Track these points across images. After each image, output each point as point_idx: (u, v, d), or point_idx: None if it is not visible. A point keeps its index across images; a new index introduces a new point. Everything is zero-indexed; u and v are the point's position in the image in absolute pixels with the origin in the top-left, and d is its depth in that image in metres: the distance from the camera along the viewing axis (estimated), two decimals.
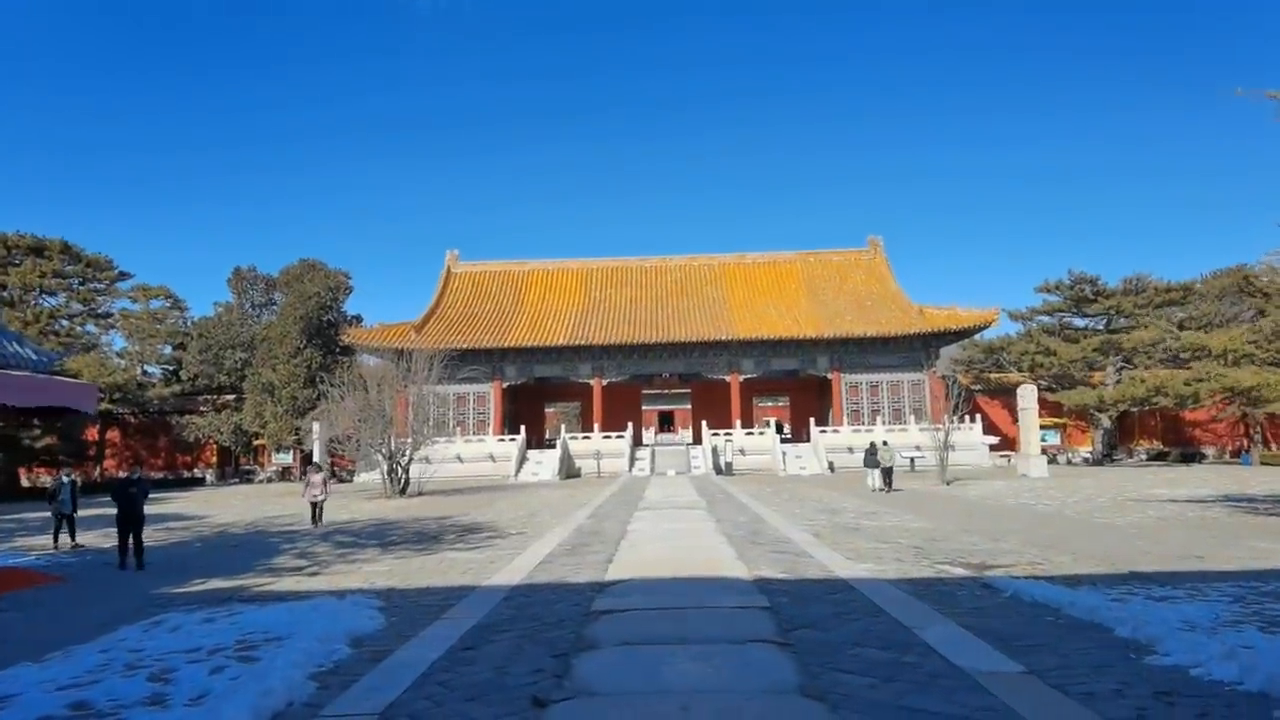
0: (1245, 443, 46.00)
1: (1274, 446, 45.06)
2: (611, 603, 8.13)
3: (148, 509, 13.60)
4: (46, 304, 53.00)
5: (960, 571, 9.88)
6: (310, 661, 6.37)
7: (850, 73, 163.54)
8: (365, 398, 29.74)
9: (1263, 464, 38.59)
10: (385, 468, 29.73)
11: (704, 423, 44.32)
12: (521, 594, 9.05)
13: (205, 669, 6.32)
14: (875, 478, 25.87)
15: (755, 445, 42.71)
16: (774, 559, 10.91)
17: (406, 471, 29.82)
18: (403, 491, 29.31)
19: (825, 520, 16.46)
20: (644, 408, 58.01)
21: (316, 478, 18.44)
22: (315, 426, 34.59)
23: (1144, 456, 47.22)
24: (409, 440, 30.13)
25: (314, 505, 18.02)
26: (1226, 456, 46.29)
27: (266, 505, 27.64)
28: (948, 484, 28.20)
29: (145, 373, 59.47)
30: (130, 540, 12.29)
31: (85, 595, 10.41)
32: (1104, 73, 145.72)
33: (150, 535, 18.00)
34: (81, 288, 55.23)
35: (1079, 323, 48.70)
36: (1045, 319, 46.82)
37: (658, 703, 5.05)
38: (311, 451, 36.53)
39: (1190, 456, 44.04)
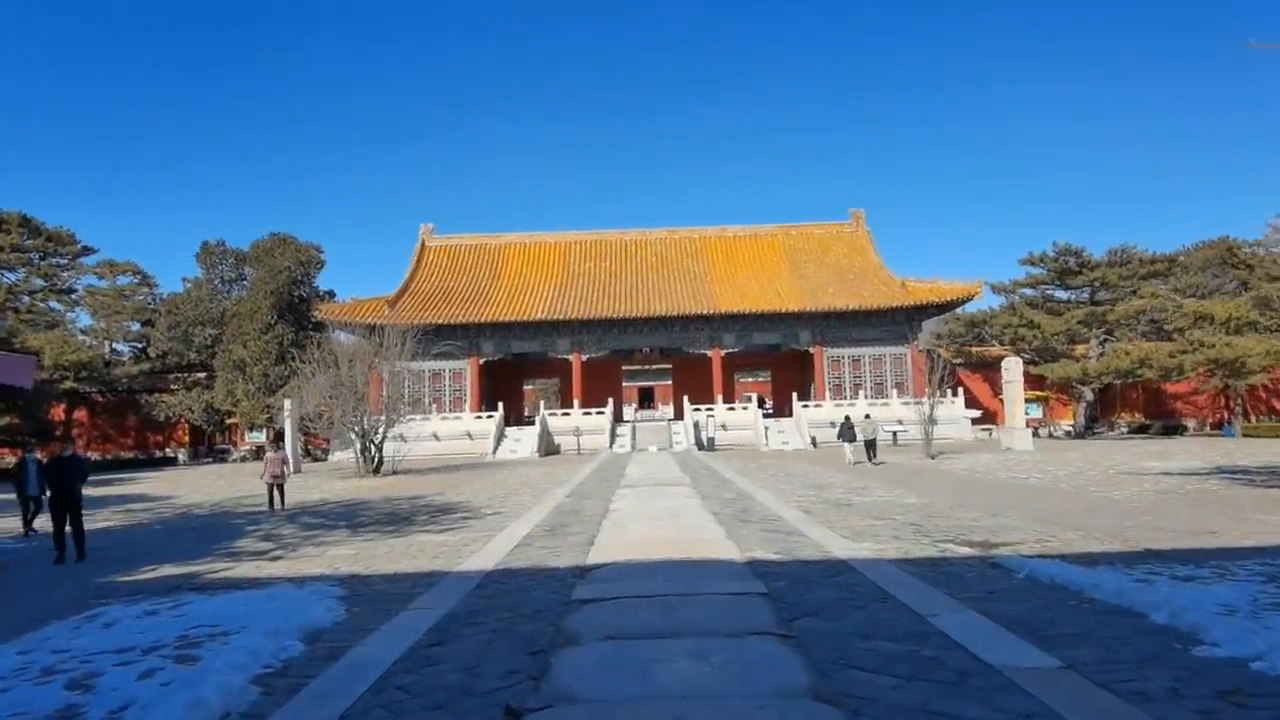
0: (1226, 415, 46.19)
1: (1253, 418, 45.27)
2: (594, 590, 7.44)
3: (110, 491, 12.82)
4: (6, 279, 51.23)
5: (965, 550, 9.29)
6: (256, 662, 5.63)
7: (830, 46, 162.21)
8: (336, 374, 28.77)
9: (1245, 435, 38.66)
10: (359, 446, 28.84)
11: (685, 398, 43.72)
12: (496, 580, 8.34)
13: (135, 672, 5.56)
14: (850, 451, 26.11)
15: (737, 420, 42.22)
16: (766, 539, 10.28)
17: (380, 450, 28.95)
18: (376, 470, 28.47)
19: (814, 496, 15.89)
20: (624, 384, 57.28)
21: (274, 456, 17.23)
22: (286, 404, 33.52)
23: (1125, 429, 47.29)
24: (382, 418, 29.23)
25: (272, 487, 16.71)
26: (1207, 429, 46.46)
27: (237, 485, 26.72)
28: (932, 458, 27.81)
29: (114, 351, 57.91)
30: (68, 526, 11.29)
31: (20, 586, 9.58)
32: (1085, 45, 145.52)
33: (109, 517, 17.16)
34: (42, 263, 53.46)
35: (1061, 296, 48.55)
36: (1028, 291, 46.55)
37: (649, 712, 4.37)
38: (282, 429, 35.48)
39: (1172, 429, 44.12)
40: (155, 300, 55.76)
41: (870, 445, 27.18)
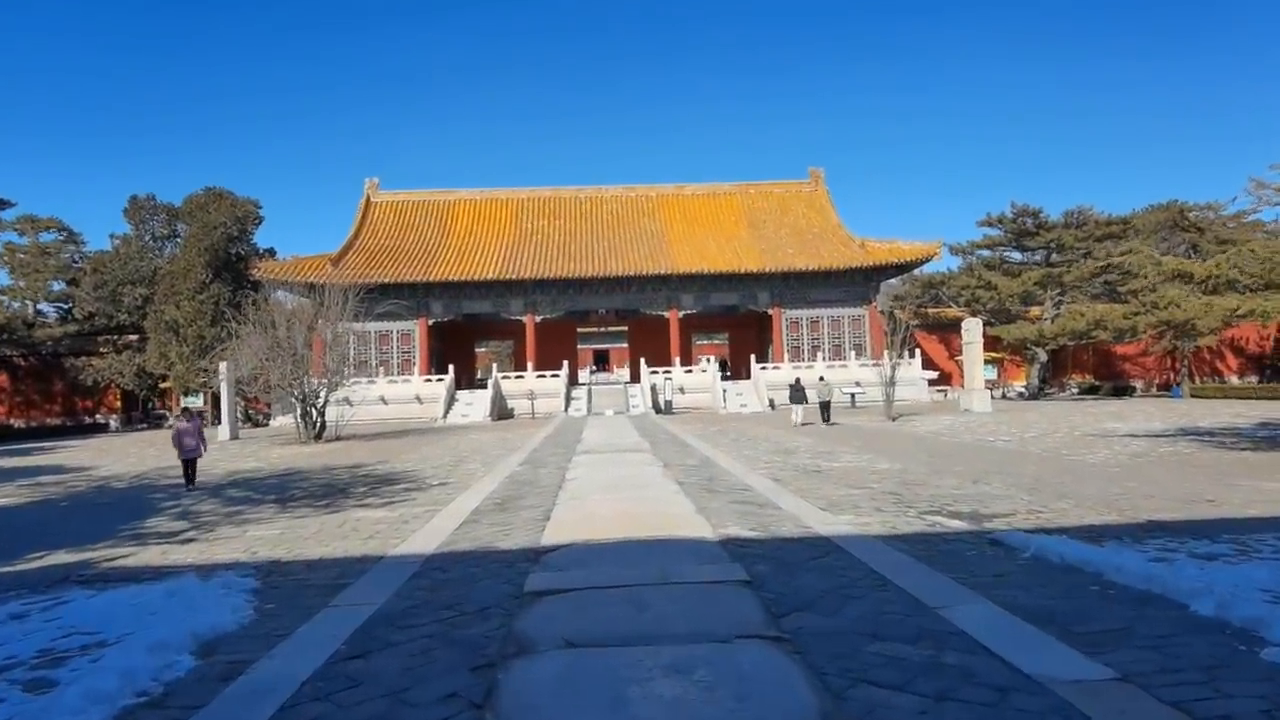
0: (1172, 376, 46.97)
1: (1198, 379, 46.08)
2: (550, 579, 6.44)
3: (25, 461, 11.44)
4: None
5: (956, 524, 8.52)
6: (128, 688, 4.51)
7: (788, 7, 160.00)
8: (274, 335, 27.06)
9: (1192, 396, 39.27)
10: (298, 411, 27.31)
11: (642, 361, 42.79)
12: (437, 567, 7.29)
13: None
14: (798, 413, 25.93)
15: (695, 383, 41.47)
16: (738, 512, 9.39)
17: (322, 415, 27.46)
18: (318, 436, 27.02)
19: (781, 462, 15.11)
20: (579, 346, 56.21)
21: (187, 425, 14.72)
22: (222, 367, 31.64)
23: (1075, 390, 47.85)
24: (324, 381, 27.69)
25: (187, 463, 14.40)
26: (1154, 390, 47.25)
27: (167, 454, 24.93)
28: (894, 420, 27.42)
29: (37, 312, 54.63)
30: None
31: None
32: (1042, 17, 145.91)
33: (12, 493, 15.60)
34: None
35: (1016, 257, 48.55)
36: (985, 253, 46.41)
37: None
38: (219, 393, 33.60)
39: (1121, 390, 44.69)
40: (82, 259, 52.53)
41: (825, 407, 27.22)
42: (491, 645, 4.94)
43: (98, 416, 48.24)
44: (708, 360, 45.30)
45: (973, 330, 32.34)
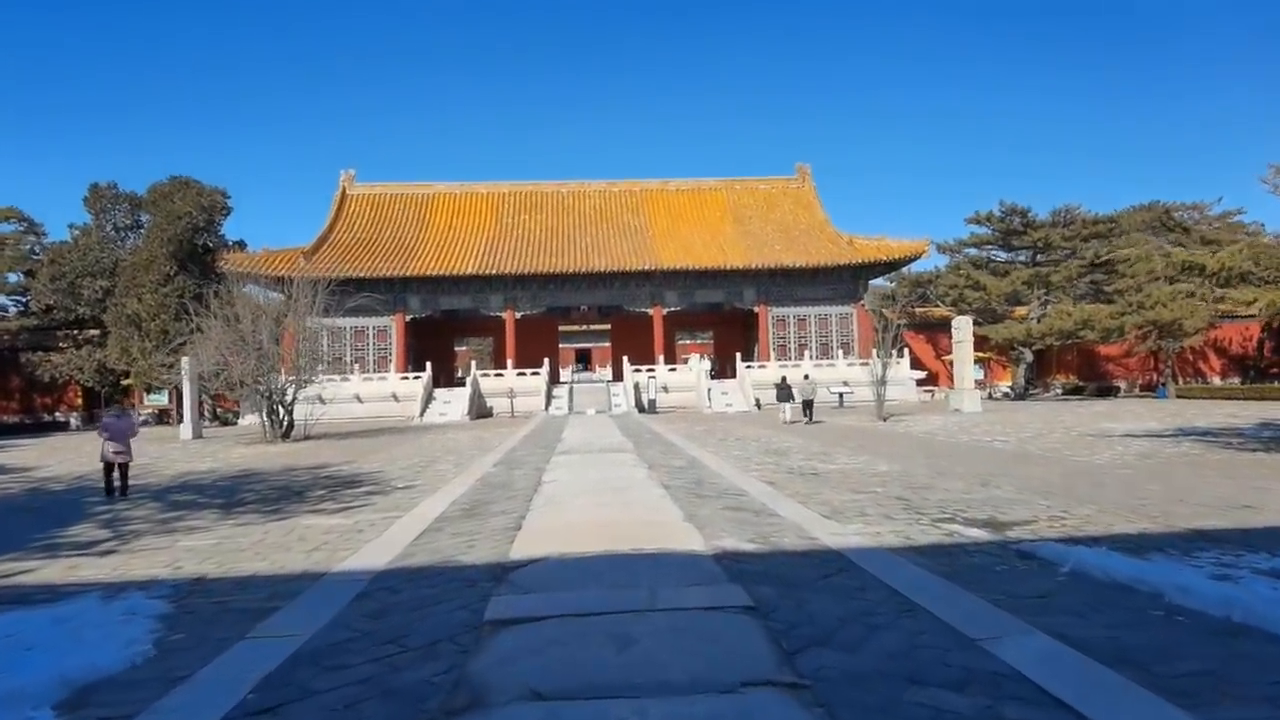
0: (1156, 377, 46.69)
1: (1180, 380, 45.80)
2: (516, 605, 5.43)
3: None
4: None
5: (976, 533, 7.61)
6: None
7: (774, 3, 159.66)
8: (238, 329, 25.79)
9: (1178, 397, 38.87)
10: (264, 409, 26.07)
11: (625, 359, 41.77)
12: (386, 586, 6.26)
13: None
14: (787, 411, 26.16)
15: (679, 382, 40.53)
16: (733, 520, 8.43)
17: (290, 413, 26.23)
18: (285, 436, 25.80)
19: (774, 464, 14.18)
20: (561, 345, 55.07)
21: (114, 423, 12.65)
22: (184, 362, 30.24)
23: (1060, 391, 47.44)
24: (291, 378, 26.47)
25: (111, 468, 12.38)
26: (1138, 391, 46.93)
27: None
28: (884, 420, 26.64)
29: None
30: None
31: None
32: (1029, 27, 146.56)
33: None
34: None
35: (1001, 256, 48.08)
36: (973, 251, 45.90)
37: None
38: (181, 389, 32.19)
39: (1106, 390, 44.30)
40: (42, 250, 50.65)
41: (808, 405, 26.83)
42: (437, 696, 3.93)
43: (57, 414, 46.48)
44: (699, 358, 44.34)
45: (963, 329, 31.65)
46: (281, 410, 26.06)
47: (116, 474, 12.44)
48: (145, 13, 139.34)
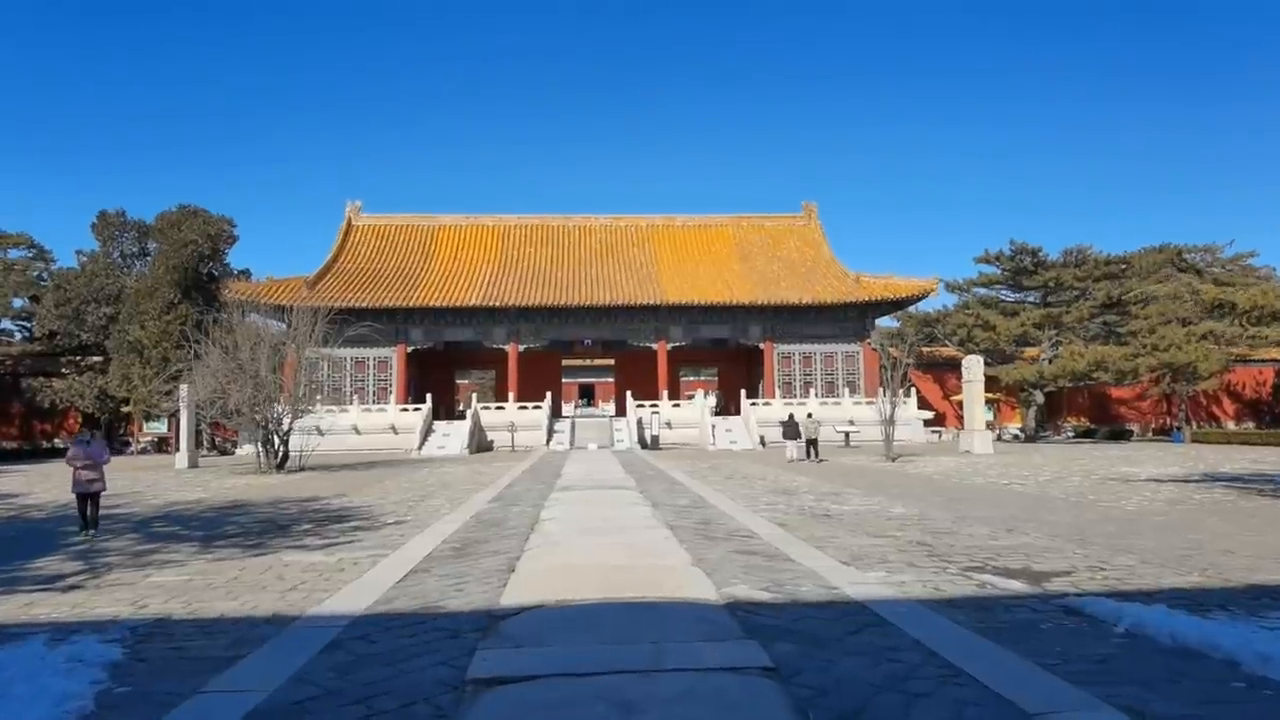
0: (1169, 420, 45.91)
1: (1194, 424, 45.01)
2: (505, 660, 4.81)
3: None
4: None
5: (1012, 585, 6.97)
6: None
7: (786, 38, 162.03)
8: (236, 357, 25.32)
9: (1194, 441, 38.07)
10: (260, 438, 25.49)
11: (629, 394, 41.19)
12: (362, 634, 5.64)
13: None
14: (792, 449, 26.12)
15: (682, 418, 39.88)
16: (744, 565, 7.79)
17: (285, 443, 25.65)
18: (280, 466, 25.18)
19: (784, 504, 13.52)
20: (564, 380, 54.55)
21: (81, 452, 11.47)
22: (183, 390, 29.75)
23: (1071, 433, 46.63)
24: (287, 407, 25.93)
25: (84, 498, 11.21)
26: (1150, 434, 46.11)
27: (116, 480, 22.75)
28: (893, 460, 25.92)
29: (3, 330, 52.53)
30: None
31: None
32: (1046, 55, 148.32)
33: None
34: None
35: (1011, 296, 47.62)
36: (982, 291, 45.45)
37: None
38: (178, 418, 31.68)
39: (1118, 434, 43.48)
40: (49, 276, 50.58)
41: (812, 444, 26.56)
42: None
43: (56, 440, 45.84)
44: (704, 394, 43.73)
45: (974, 368, 31.05)
46: (276, 440, 25.48)
47: (90, 504, 11.46)
48: (157, 49, 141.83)
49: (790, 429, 26.90)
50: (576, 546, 8.75)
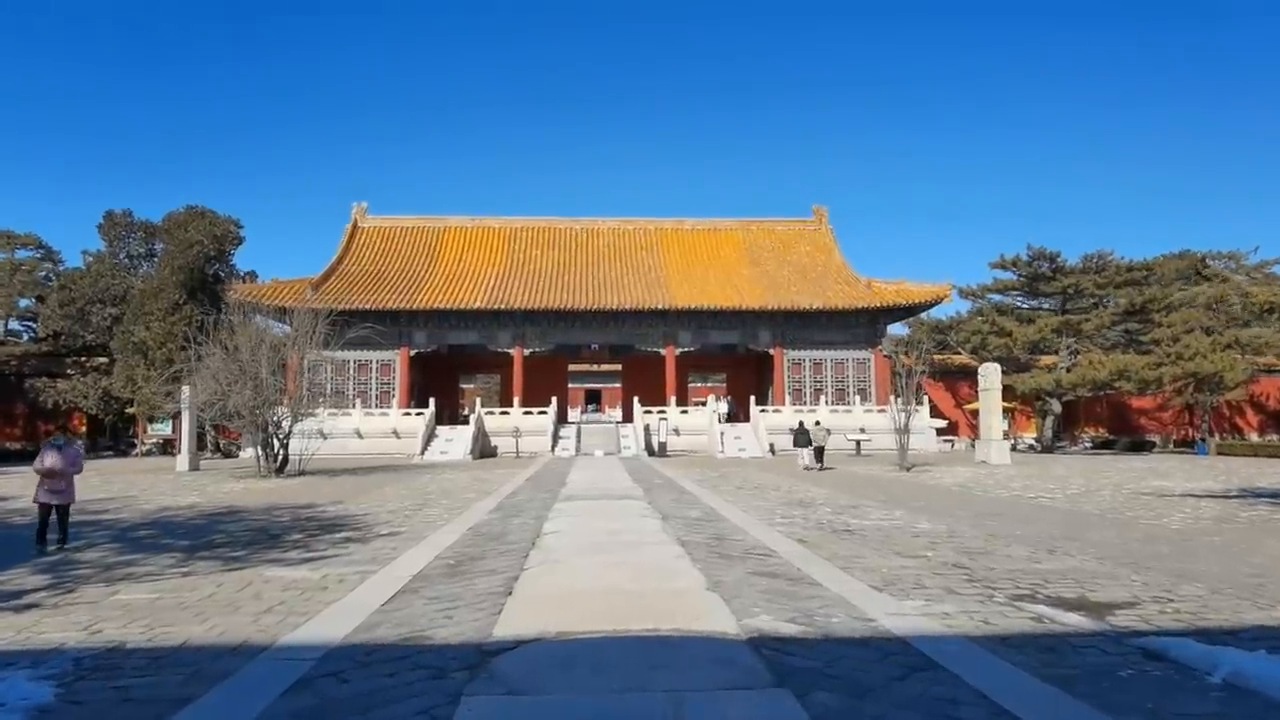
0: (1191, 431, 44.87)
1: (1217, 436, 43.95)
2: (493, 712, 4.08)
3: None
4: None
5: (1072, 619, 6.19)
6: None
7: (797, 42, 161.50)
8: (236, 358, 24.71)
9: (1219, 453, 37.03)
10: (259, 442, 24.86)
11: (636, 399, 40.44)
12: (334, 671, 4.91)
13: None
14: (805, 456, 25.88)
15: (691, 425, 39.11)
16: (765, 589, 7.04)
17: (285, 447, 25.02)
18: (280, 470, 24.54)
19: (801, 517, 12.76)
20: (570, 385, 53.82)
21: (52, 461, 10.35)
22: (184, 391, 29.16)
23: (1089, 444, 45.60)
24: (287, 410, 25.30)
25: (48, 510, 10.22)
26: (1171, 445, 45.04)
27: (112, 483, 22.69)
28: (908, 469, 25.12)
29: (7, 330, 52.27)
30: None
31: None
32: (1060, 56, 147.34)
33: None
34: None
35: (1025, 303, 46.71)
36: (997, 297, 44.54)
37: None
38: (180, 419, 31.10)
39: (1139, 445, 42.41)
40: (56, 276, 50.30)
41: (819, 452, 26.28)
42: None
43: None
44: (716, 399, 42.91)
45: (991, 376, 30.19)
46: (276, 444, 24.86)
47: (57, 517, 10.48)
48: (164, 51, 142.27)
49: (801, 436, 26.64)
50: (580, 566, 8.01)
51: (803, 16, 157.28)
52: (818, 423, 28.63)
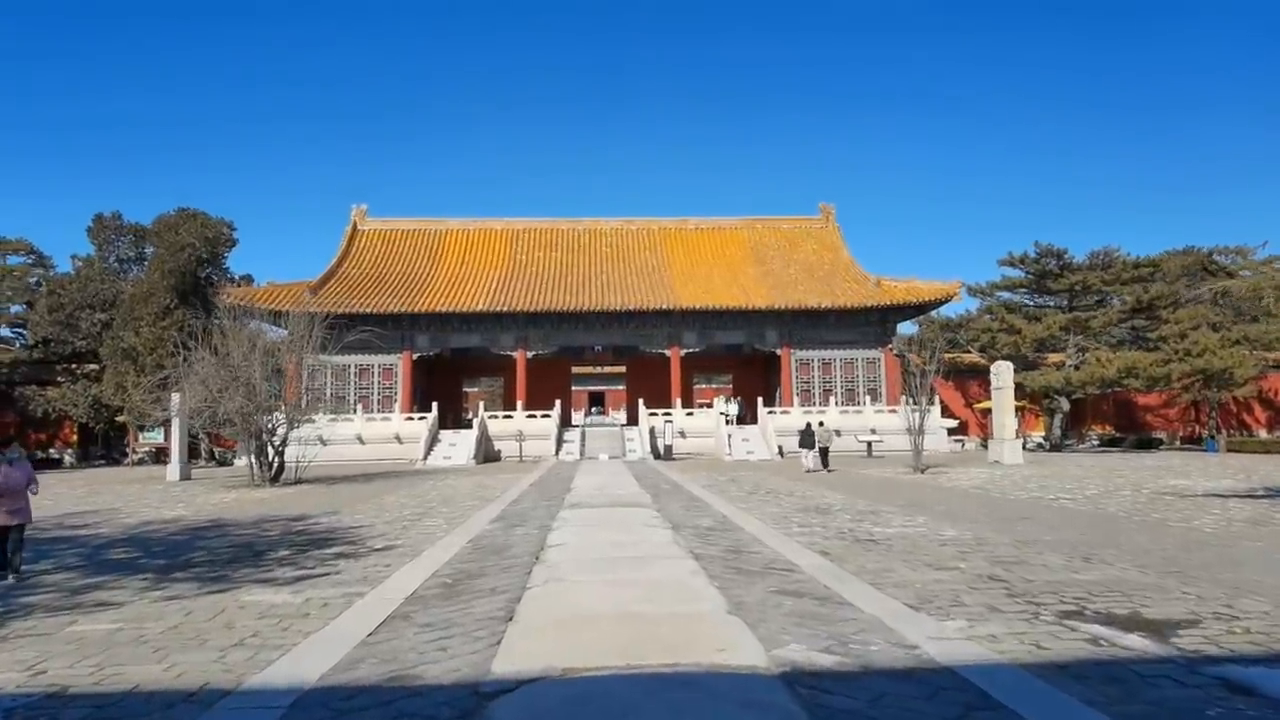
0: (1198, 428, 44.19)
1: (1225, 433, 43.25)
2: None
3: None
4: None
5: (1132, 641, 5.55)
6: None
7: (801, 38, 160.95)
8: (228, 363, 24.10)
9: (1229, 450, 36.36)
10: (253, 449, 24.25)
11: (641, 402, 39.81)
12: None
13: None
14: (809, 459, 25.39)
15: (697, 427, 38.47)
16: (793, 612, 6.41)
17: (280, 455, 24.40)
18: (274, 479, 23.93)
19: (820, 525, 12.12)
20: (574, 388, 53.23)
21: (3, 478, 8.95)
22: (174, 398, 28.55)
23: (1096, 442, 44.94)
24: (282, 416, 24.69)
25: (3, 533, 8.83)
26: (1179, 443, 44.37)
27: (99, 494, 22.05)
28: (922, 471, 24.49)
29: (1, 338, 51.67)
30: None
31: None
32: (1067, 55, 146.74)
33: None
34: None
35: (1032, 301, 46.03)
36: (1005, 295, 43.87)
37: None
38: (170, 426, 30.46)
39: (1146, 442, 41.75)
40: (45, 282, 49.66)
41: (824, 453, 25.84)
42: None
43: (51, 451, 44.81)
44: (724, 399, 42.26)
45: (1003, 374, 29.54)
46: (271, 451, 24.23)
47: (10, 544, 8.97)
48: (161, 53, 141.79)
49: (807, 438, 25.96)
50: (587, 585, 7.37)
51: (808, 15, 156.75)
52: (821, 423, 28.11)
